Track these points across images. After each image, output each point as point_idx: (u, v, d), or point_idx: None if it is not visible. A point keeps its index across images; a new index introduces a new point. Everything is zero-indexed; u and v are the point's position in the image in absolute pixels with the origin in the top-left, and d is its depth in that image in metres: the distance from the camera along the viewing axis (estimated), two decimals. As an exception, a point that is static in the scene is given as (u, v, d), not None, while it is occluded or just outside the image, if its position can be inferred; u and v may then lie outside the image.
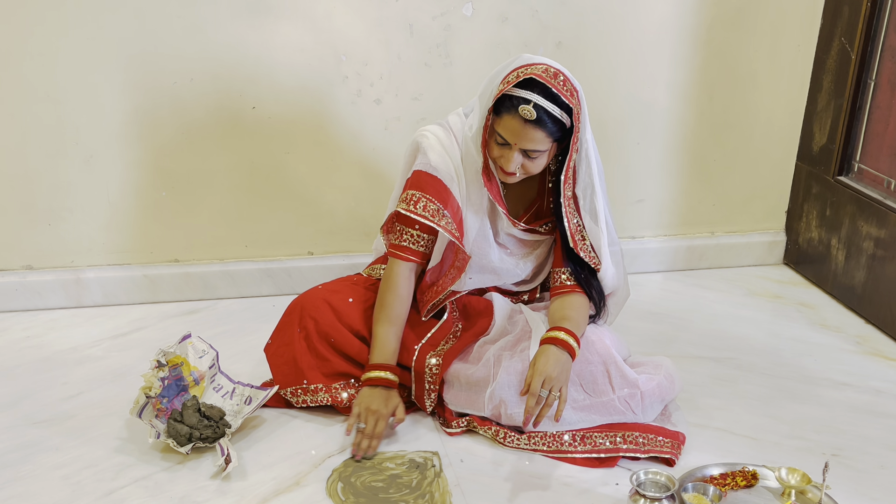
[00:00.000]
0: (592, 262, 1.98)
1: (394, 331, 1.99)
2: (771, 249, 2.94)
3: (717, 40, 2.66)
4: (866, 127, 2.61)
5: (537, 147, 1.82)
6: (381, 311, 2.00)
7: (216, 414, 1.93)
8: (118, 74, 2.39)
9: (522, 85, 1.79)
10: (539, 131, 1.80)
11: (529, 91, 1.79)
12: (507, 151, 1.84)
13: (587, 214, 1.97)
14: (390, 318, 1.99)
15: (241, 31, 2.40)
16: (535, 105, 1.78)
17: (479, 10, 2.49)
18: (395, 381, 1.95)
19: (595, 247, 1.98)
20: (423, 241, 2.00)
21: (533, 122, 1.79)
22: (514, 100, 1.79)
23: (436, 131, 2.00)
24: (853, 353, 2.38)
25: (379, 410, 1.90)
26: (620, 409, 1.90)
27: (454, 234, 1.94)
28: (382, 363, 1.96)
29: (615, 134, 2.70)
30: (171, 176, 2.51)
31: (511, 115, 1.80)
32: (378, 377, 1.94)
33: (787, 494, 1.76)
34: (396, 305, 2.00)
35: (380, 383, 1.94)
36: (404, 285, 2.01)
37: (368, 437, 1.88)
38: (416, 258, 2.01)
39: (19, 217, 2.49)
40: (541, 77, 1.79)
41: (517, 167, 1.86)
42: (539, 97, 1.78)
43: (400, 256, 2.01)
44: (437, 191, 1.94)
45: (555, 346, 1.85)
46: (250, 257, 2.65)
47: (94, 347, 2.34)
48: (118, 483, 1.80)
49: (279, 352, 2.05)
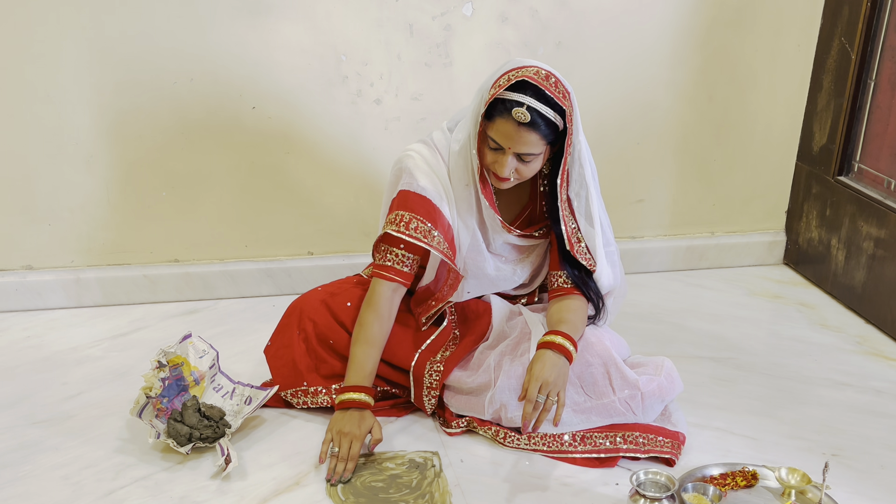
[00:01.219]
0: (588, 263, 1.97)
1: (371, 352, 1.92)
2: (771, 249, 2.94)
3: (717, 40, 2.66)
4: (866, 127, 2.61)
5: (531, 150, 1.80)
6: (359, 331, 1.93)
7: (216, 414, 1.93)
8: (118, 74, 2.39)
9: (515, 88, 1.76)
10: (533, 134, 1.77)
11: (522, 94, 1.76)
12: (501, 156, 1.82)
13: (582, 217, 1.95)
14: (368, 339, 1.92)
15: (241, 31, 2.40)
16: (529, 107, 1.75)
17: (479, 10, 2.49)
18: (370, 403, 1.88)
19: (590, 248, 1.97)
20: (409, 261, 1.94)
21: (527, 124, 1.76)
22: (506, 103, 1.77)
23: (421, 150, 1.95)
24: (853, 353, 2.38)
25: (352, 432, 1.84)
26: (621, 410, 1.90)
27: (446, 254, 1.91)
28: (357, 385, 1.89)
29: (615, 134, 2.69)
30: (171, 176, 2.51)
31: (504, 118, 1.77)
32: (350, 399, 1.87)
33: (787, 494, 1.75)
34: (376, 326, 1.93)
35: (352, 406, 1.87)
36: (386, 306, 1.94)
37: (343, 460, 1.82)
38: (399, 278, 1.94)
39: (19, 217, 2.49)
40: (533, 79, 1.76)
41: (511, 172, 1.83)
42: (532, 99, 1.75)
43: (384, 276, 1.94)
44: (426, 211, 1.90)
45: (551, 350, 1.83)
46: (250, 257, 2.65)
47: (94, 347, 2.34)
48: (118, 483, 1.80)
49: (279, 354, 2.05)
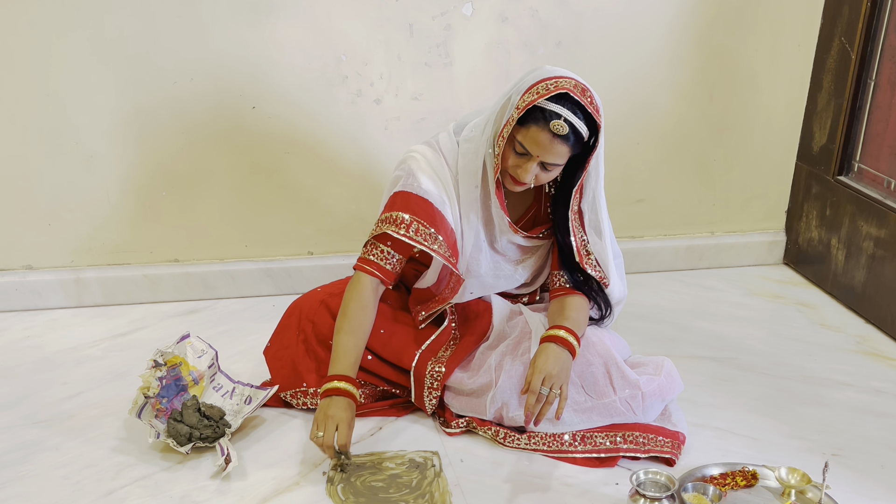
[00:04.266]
0: (599, 276, 1.97)
1: (354, 342, 1.88)
2: (771, 249, 2.94)
3: (717, 40, 2.66)
4: (866, 127, 2.61)
5: (557, 161, 1.80)
6: (343, 321, 1.89)
7: (216, 414, 1.93)
8: (118, 74, 2.39)
9: (555, 99, 1.76)
10: (564, 146, 1.78)
11: (562, 106, 1.75)
12: (526, 162, 1.81)
13: (592, 230, 1.96)
14: (353, 329, 1.89)
15: (241, 31, 2.40)
16: (566, 120, 1.75)
17: (479, 9, 2.49)
18: (354, 394, 1.84)
19: (601, 262, 1.97)
20: (394, 259, 1.92)
21: (561, 136, 1.76)
22: (546, 113, 1.76)
23: (425, 152, 1.95)
24: (853, 353, 2.38)
25: (336, 415, 1.79)
26: (621, 409, 1.90)
27: (448, 259, 1.90)
28: (341, 374, 1.85)
29: (615, 134, 2.69)
30: (171, 176, 2.51)
31: (540, 126, 1.76)
32: (335, 388, 1.82)
33: (787, 494, 1.75)
34: (360, 315, 1.90)
35: (337, 394, 1.82)
36: (370, 297, 1.91)
37: (329, 446, 1.78)
38: (381, 275, 1.92)
39: (19, 217, 2.49)
40: (572, 92, 1.76)
41: (532, 178, 1.84)
42: (570, 114, 1.75)
43: (366, 270, 1.92)
44: (428, 214, 1.89)
45: (555, 343, 1.85)
46: (250, 257, 2.65)
47: (94, 347, 2.34)
48: (118, 483, 1.80)
49: (278, 355, 2.05)
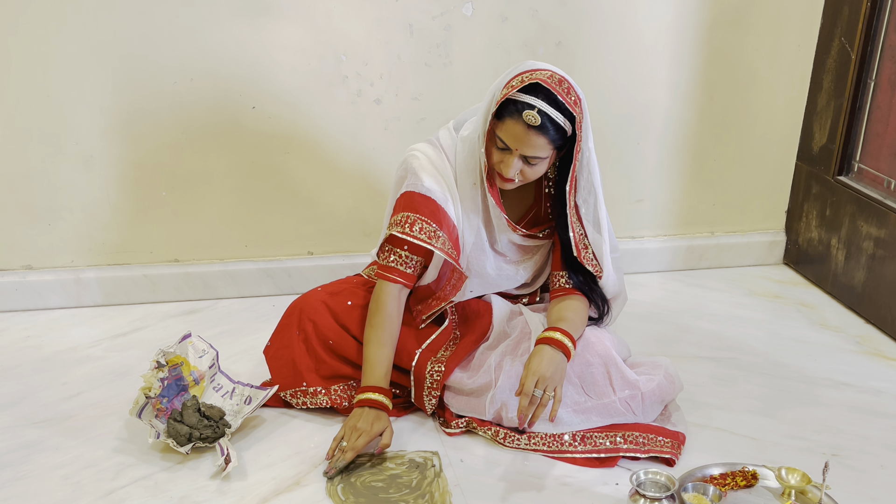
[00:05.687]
0: (595, 269, 1.97)
1: (384, 352, 1.93)
2: (771, 249, 2.94)
3: (717, 40, 2.66)
4: (866, 127, 2.61)
5: (538, 154, 1.80)
6: (371, 332, 1.94)
7: (216, 414, 1.93)
8: (118, 74, 2.39)
9: (527, 90, 1.76)
10: (541, 138, 1.77)
11: (534, 96, 1.76)
12: (507, 157, 1.82)
13: (590, 224, 1.95)
14: (381, 340, 1.93)
15: (241, 31, 2.40)
16: (539, 111, 1.75)
17: (479, 10, 2.49)
18: (387, 405, 1.89)
19: (597, 255, 1.97)
20: (413, 262, 1.95)
21: (536, 128, 1.76)
22: (517, 104, 1.77)
23: (426, 150, 1.96)
24: (853, 353, 2.38)
25: (362, 428, 1.84)
26: (621, 410, 1.90)
27: (451, 256, 1.91)
28: (374, 385, 1.90)
29: (615, 134, 2.70)
30: (171, 176, 2.51)
31: (514, 119, 1.77)
32: (368, 399, 1.88)
33: (787, 494, 1.75)
34: (387, 326, 1.94)
35: (368, 405, 1.88)
36: (394, 305, 1.95)
37: (342, 450, 1.83)
38: (403, 279, 1.95)
39: (19, 217, 2.49)
40: (546, 83, 1.76)
41: (516, 173, 1.83)
42: (543, 103, 1.76)
43: (387, 278, 1.95)
44: (431, 212, 1.90)
45: (549, 346, 1.84)
46: (250, 257, 2.65)
47: (94, 347, 2.34)
48: (118, 483, 1.80)
49: (278, 354, 2.05)
